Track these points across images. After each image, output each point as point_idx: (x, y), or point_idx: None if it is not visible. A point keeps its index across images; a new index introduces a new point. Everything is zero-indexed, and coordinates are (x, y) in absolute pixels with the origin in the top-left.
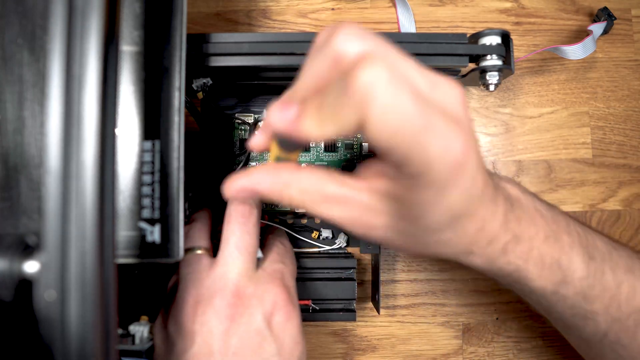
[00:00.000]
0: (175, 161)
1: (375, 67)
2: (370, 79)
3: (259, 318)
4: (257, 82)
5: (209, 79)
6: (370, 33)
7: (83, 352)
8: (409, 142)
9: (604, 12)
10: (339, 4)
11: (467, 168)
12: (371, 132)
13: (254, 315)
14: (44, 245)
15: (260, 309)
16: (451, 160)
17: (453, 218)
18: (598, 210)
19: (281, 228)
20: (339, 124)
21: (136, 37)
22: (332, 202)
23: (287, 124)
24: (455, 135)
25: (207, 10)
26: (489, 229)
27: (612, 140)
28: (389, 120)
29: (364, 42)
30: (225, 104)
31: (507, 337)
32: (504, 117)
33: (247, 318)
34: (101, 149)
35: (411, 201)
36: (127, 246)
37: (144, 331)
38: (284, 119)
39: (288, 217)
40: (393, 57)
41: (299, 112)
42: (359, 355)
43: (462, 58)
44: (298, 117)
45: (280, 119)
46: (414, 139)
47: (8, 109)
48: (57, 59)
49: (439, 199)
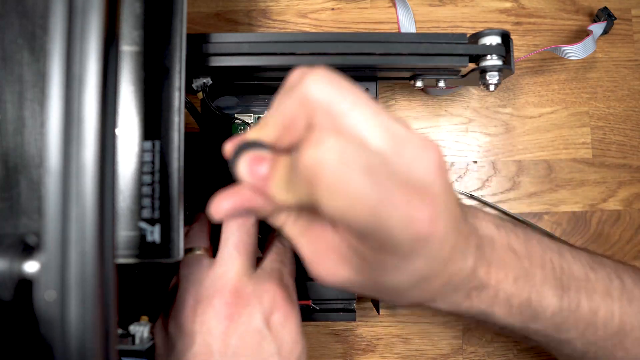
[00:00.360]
0: (175, 161)
1: (323, 145)
2: (317, 158)
3: (258, 317)
4: (257, 82)
5: (209, 79)
6: (339, 79)
7: (83, 352)
8: (365, 218)
9: (604, 12)
10: (339, 4)
11: (433, 237)
12: (323, 211)
13: (252, 314)
14: (44, 245)
15: (259, 308)
16: (414, 232)
17: (418, 281)
18: (598, 210)
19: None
20: (297, 197)
21: (136, 37)
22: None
23: (257, 181)
24: (418, 206)
25: (207, 10)
26: (455, 281)
27: (612, 140)
28: (338, 200)
29: (330, 90)
30: (225, 104)
31: (507, 338)
32: (504, 117)
33: (246, 318)
34: (101, 149)
35: (375, 262)
36: (127, 246)
37: (144, 331)
38: (254, 175)
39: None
40: (353, 119)
41: (269, 172)
42: (359, 355)
43: (462, 58)
44: (267, 177)
45: (251, 173)
46: (369, 214)
47: (8, 109)
48: (57, 59)
49: (404, 265)
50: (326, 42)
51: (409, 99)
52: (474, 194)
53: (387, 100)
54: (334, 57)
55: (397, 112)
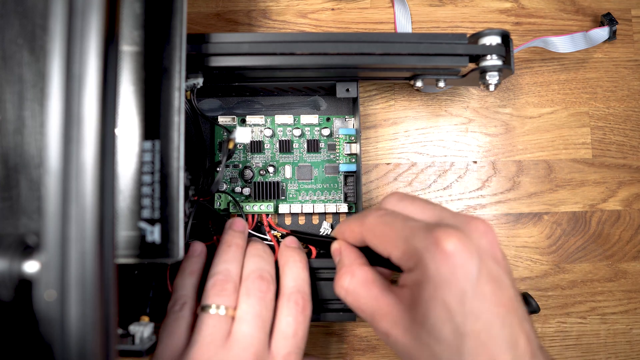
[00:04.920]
0: (175, 161)
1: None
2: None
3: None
4: (252, 84)
5: (199, 80)
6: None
7: (83, 352)
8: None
9: (606, 17)
10: (339, 4)
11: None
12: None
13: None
14: (44, 245)
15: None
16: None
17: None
18: (598, 210)
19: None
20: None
21: (136, 37)
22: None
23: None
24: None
25: (207, 10)
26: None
27: (612, 140)
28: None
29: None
30: (208, 107)
31: None
32: (504, 117)
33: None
34: (101, 149)
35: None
36: (127, 246)
37: (144, 331)
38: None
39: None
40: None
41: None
42: (359, 355)
43: (462, 58)
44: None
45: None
46: None
47: (8, 109)
48: (57, 59)
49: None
50: (326, 42)
51: (409, 99)
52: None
53: (387, 100)
54: (334, 57)
55: (397, 112)
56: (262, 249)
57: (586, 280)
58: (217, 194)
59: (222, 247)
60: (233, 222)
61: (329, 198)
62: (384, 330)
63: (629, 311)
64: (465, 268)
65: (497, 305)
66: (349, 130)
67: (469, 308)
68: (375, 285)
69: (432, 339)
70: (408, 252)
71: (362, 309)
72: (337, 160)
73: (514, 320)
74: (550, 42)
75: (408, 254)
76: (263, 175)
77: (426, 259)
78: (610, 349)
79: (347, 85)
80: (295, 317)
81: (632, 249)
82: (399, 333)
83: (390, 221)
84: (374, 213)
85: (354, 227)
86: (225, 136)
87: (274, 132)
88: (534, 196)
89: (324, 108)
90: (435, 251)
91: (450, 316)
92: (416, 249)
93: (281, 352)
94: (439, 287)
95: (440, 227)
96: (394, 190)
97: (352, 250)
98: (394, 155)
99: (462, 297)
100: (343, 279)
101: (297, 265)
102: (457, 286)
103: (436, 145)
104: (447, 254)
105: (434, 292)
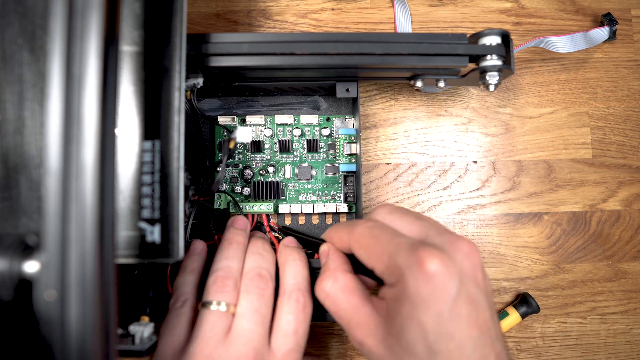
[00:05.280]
0: (175, 161)
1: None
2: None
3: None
4: (251, 84)
5: (199, 80)
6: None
7: (83, 352)
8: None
9: (606, 17)
10: (339, 4)
11: None
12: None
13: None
14: (44, 245)
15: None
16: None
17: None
18: (598, 210)
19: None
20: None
21: (136, 37)
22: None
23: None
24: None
25: (207, 10)
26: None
27: (612, 141)
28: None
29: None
30: (209, 107)
31: (507, 337)
32: (504, 117)
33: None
34: (101, 149)
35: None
36: (127, 246)
37: (144, 331)
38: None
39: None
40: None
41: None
42: (359, 355)
43: (462, 58)
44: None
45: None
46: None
47: (8, 109)
48: (57, 59)
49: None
50: (326, 42)
51: (409, 99)
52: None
53: (387, 100)
54: (334, 57)
55: (397, 112)
56: (262, 247)
57: (586, 280)
58: (217, 194)
59: (224, 244)
60: (235, 220)
61: (328, 198)
62: (358, 339)
63: (629, 311)
64: (444, 290)
65: (471, 327)
66: (349, 130)
67: (444, 329)
68: (355, 294)
69: (405, 354)
70: (391, 267)
71: (339, 314)
72: (337, 160)
73: (487, 341)
74: (550, 42)
75: (391, 269)
76: (263, 175)
77: (407, 277)
78: (610, 349)
79: (347, 85)
80: (296, 315)
81: (632, 249)
82: (373, 344)
83: (378, 234)
84: (363, 224)
85: (343, 234)
86: (225, 136)
87: (274, 132)
88: (534, 196)
89: (324, 108)
90: (417, 271)
91: (424, 335)
92: (399, 266)
93: (282, 350)
94: (416, 307)
95: (424, 247)
96: (393, 190)
97: (339, 255)
98: (394, 155)
99: (438, 318)
100: (325, 282)
101: (297, 264)
102: (435, 307)
103: (436, 145)
104: (428, 275)
105: (412, 311)
